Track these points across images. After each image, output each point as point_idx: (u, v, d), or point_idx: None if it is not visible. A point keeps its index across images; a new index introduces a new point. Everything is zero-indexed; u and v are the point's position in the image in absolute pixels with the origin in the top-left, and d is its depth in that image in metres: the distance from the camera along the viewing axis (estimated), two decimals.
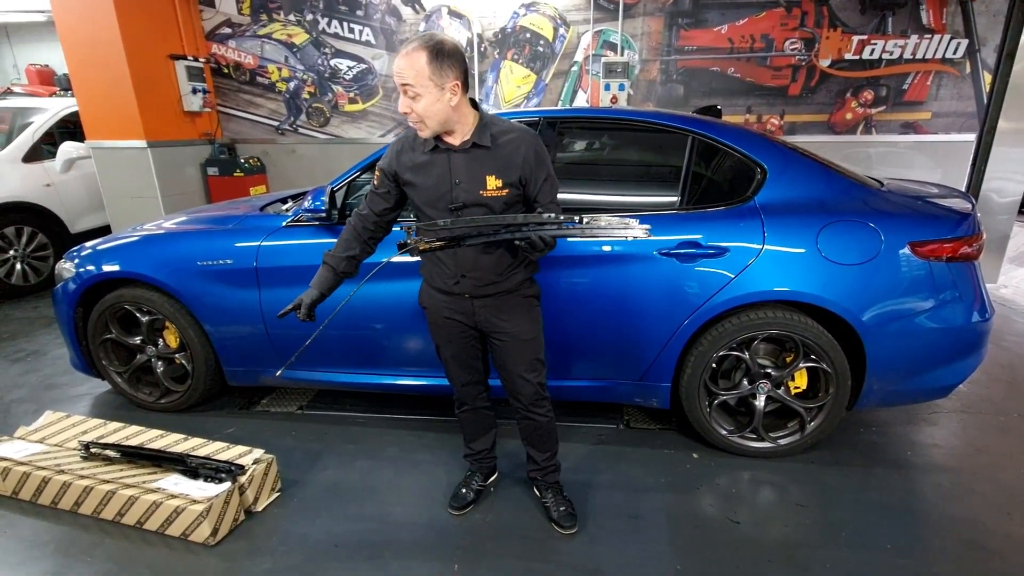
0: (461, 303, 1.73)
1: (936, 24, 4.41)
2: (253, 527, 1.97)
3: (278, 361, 2.52)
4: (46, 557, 1.84)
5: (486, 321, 1.74)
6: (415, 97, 1.49)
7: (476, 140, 1.58)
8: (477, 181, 1.58)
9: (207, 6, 5.35)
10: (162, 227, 2.74)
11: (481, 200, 1.59)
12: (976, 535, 1.92)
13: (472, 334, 1.81)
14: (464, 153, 1.59)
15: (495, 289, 1.69)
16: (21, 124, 4.79)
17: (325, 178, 2.58)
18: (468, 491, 2.06)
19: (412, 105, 1.50)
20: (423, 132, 1.56)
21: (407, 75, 1.47)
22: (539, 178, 1.63)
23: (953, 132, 4.61)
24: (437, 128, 1.55)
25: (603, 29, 4.91)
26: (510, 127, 1.64)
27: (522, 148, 1.60)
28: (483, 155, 1.59)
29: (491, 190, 1.59)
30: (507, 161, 1.59)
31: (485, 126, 1.60)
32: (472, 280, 1.67)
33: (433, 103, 1.49)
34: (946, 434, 2.56)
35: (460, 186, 1.59)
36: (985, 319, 2.17)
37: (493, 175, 1.58)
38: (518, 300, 1.75)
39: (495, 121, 1.64)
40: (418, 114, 1.51)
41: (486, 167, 1.59)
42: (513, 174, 1.60)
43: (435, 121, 1.52)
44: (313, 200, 2.30)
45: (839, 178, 2.30)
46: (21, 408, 2.82)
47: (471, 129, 1.59)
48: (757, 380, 2.25)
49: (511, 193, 1.61)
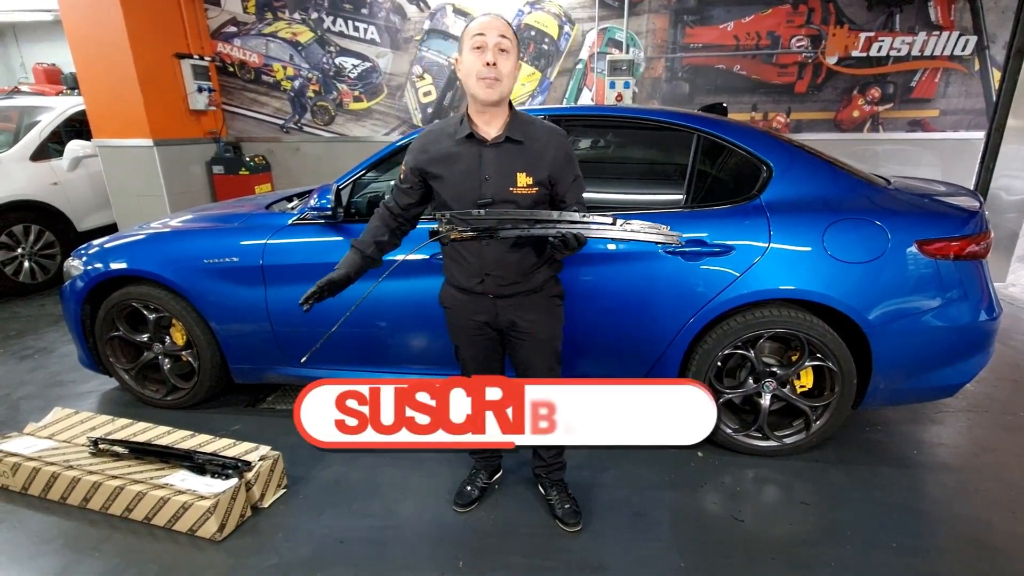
0: (484, 303, 1.70)
1: (944, 21, 4.38)
2: (259, 523, 1.98)
3: (284, 359, 2.53)
4: (56, 552, 1.86)
5: (508, 319, 1.72)
6: (505, 52, 1.50)
7: (509, 134, 1.57)
8: (507, 177, 1.57)
9: (212, 5, 5.37)
10: (168, 225, 2.75)
11: (510, 197, 1.57)
12: (982, 534, 1.92)
13: (493, 336, 1.79)
14: (495, 148, 1.57)
15: (518, 288, 1.67)
16: (28, 123, 4.82)
17: (330, 176, 2.58)
18: (473, 489, 2.06)
19: (500, 60, 1.50)
20: (491, 92, 1.51)
21: (507, 31, 1.51)
22: (568, 178, 1.63)
23: (961, 130, 4.58)
24: (504, 94, 1.54)
25: (608, 27, 4.89)
26: (541, 125, 1.64)
27: (552, 146, 1.60)
28: (514, 151, 1.58)
29: (521, 187, 1.57)
30: (537, 158, 1.58)
31: (518, 121, 1.59)
32: (496, 279, 1.65)
33: (514, 68, 1.54)
34: (952, 433, 2.55)
35: (489, 182, 1.57)
36: (992, 318, 2.15)
37: (524, 172, 1.57)
38: (542, 300, 1.73)
39: (527, 118, 1.64)
40: (502, 71, 1.50)
41: (517, 163, 1.57)
42: (543, 172, 1.58)
43: (508, 85, 1.53)
44: (319, 198, 2.31)
45: (845, 176, 2.29)
46: (30, 405, 2.84)
47: (505, 123, 1.58)
48: (762, 378, 2.24)
49: (540, 191, 1.59)
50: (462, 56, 1.55)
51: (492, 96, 1.52)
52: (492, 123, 1.58)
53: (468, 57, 1.52)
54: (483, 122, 1.59)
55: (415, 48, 5.26)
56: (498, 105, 1.56)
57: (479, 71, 1.49)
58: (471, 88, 1.53)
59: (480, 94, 1.52)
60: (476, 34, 1.50)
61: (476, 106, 1.58)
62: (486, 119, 1.58)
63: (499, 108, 1.57)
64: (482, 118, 1.59)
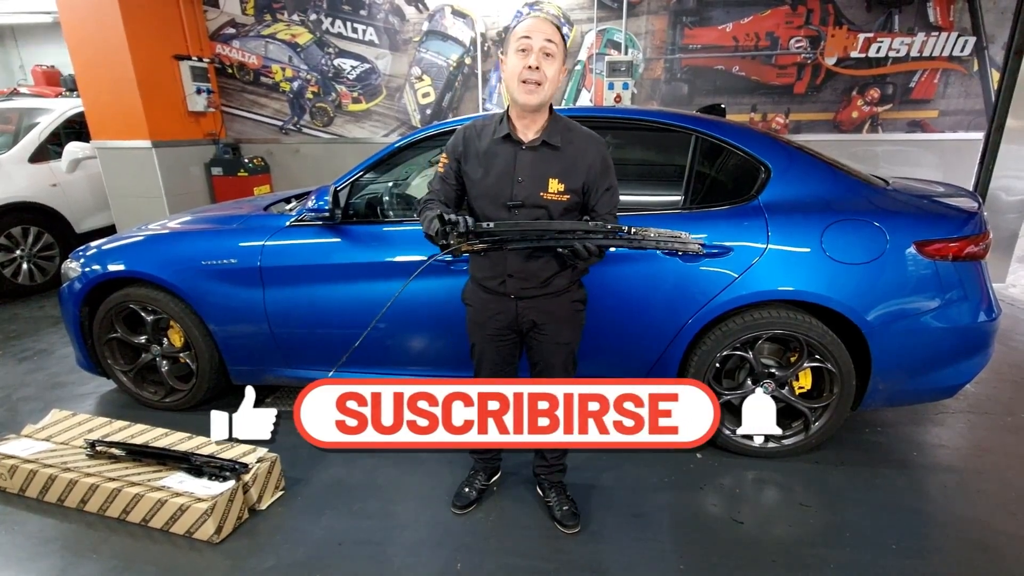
0: (506, 303, 1.69)
1: (943, 21, 4.38)
2: (257, 525, 1.98)
3: (282, 360, 2.53)
4: (53, 554, 1.85)
5: (529, 321, 1.71)
6: (551, 56, 1.49)
7: (546, 139, 1.56)
8: (540, 181, 1.55)
9: (211, 6, 5.38)
10: (167, 227, 2.75)
11: (540, 202, 1.56)
12: (982, 535, 1.91)
13: (512, 338, 1.77)
14: (532, 151, 1.56)
15: (540, 291, 1.66)
16: (27, 124, 4.82)
17: (329, 178, 2.58)
18: (471, 490, 2.06)
19: (544, 64, 1.48)
20: (532, 97, 1.50)
21: (554, 35, 1.49)
22: (601, 187, 1.60)
23: (960, 130, 4.58)
24: (545, 99, 1.52)
25: (607, 28, 4.89)
26: (580, 131, 1.61)
27: (589, 154, 1.58)
28: (550, 156, 1.56)
29: (552, 193, 1.55)
30: (572, 165, 1.56)
31: (557, 125, 1.58)
32: (517, 281, 1.64)
33: (558, 72, 1.52)
34: (952, 434, 2.55)
35: (521, 184, 1.56)
36: (992, 319, 2.15)
37: (556, 178, 1.55)
38: (564, 304, 1.71)
39: (567, 123, 1.62)
40: (546, 75, 1.49)
41: (551, 168, 1.56)
42: (577, 180, 1.57)
43: (550, 90, 1.52)
44: (317, 200, 2.31)
45: (844, 177, 2.29)
46: (28, 406, 2.84)
47: (543, 127, 1.57)
48: (761, 380, 2.24)
49: (571, 199, 1.58)
50: (507, 57, 1.54)
51: (532, 101, 1.51)
52: (531, 126, 1.58)
53: (512, 59, 1.51)
54: (522, 125, 1.58)
55: (414, 49, 5.26)
56: (538, 110, 1.55)
57: (521, 74, 1.48)
58: (512, 91, 1.53)
59: (520, 98, 1.51)
60: (522, 36, 1.49)
61: (516, 109, 1.57)
62: (525, 122, 1.58)
63: (539, 112, 1.56)
64: (522, 121, 1.58)
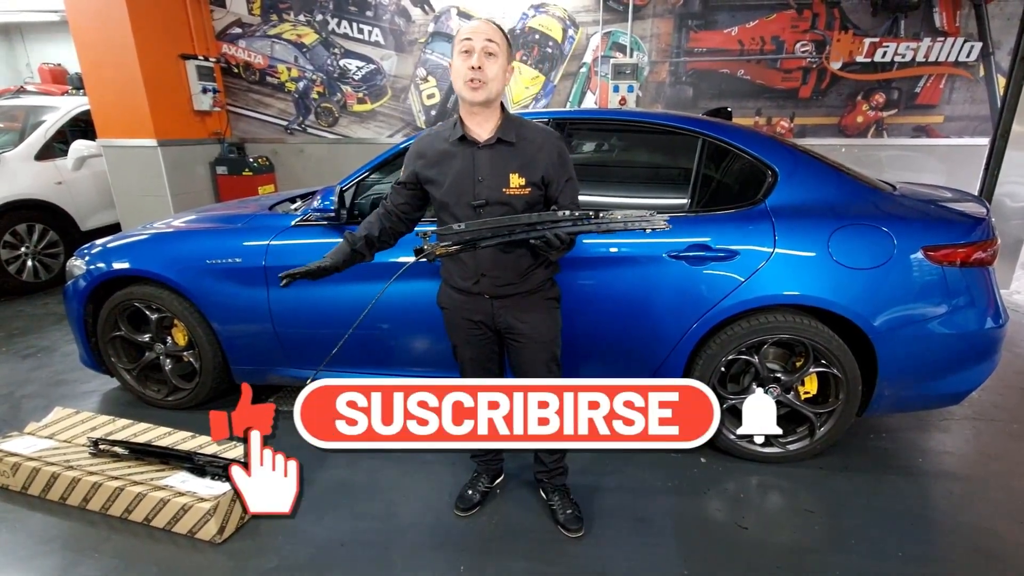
0: (481, 303, 1.72)
1: (949, 27, 4.37)
2: (259, 525, 1.97)
3: (286, 360, 2.53)
4: (54, 552, 1.85)
5: (505, 322, 1.73)
6: (492, 55, 1.54)
7: (501, 136, 1.60)
8: (500, 178, 1.59)
9: (218, 6, 5.39)
10: (171, 225, 2.75)
11: (504, 198, 1.59)
12: (988, 543, 1.90)
13: (491, 336, 1.79)
14: (488, 149, 1.60)
15: (515, 290, 1.69)
16: (34, 122, 4.83)
17: (334, 178, 2.58)
18: (474, 493, 2.05)
19: (486, 64, 1.53)
20: (477, 94, 1.55)
21: (494, 35, 1.55)
22: (561, 179, 1.64)
23: (966, 136, 4.56)
24: (491, 96, 1.56)
25: (612, 30, 4.89)
26: (534, 127, 1.66)
27: (546, 148, 1.62)
28: (507, 152, 1.60)
29: (514, 188, 1.59)
30: (531, 159, 1.61)
31: (510, 123, 1.62)
32: (491, 279, 1.66)
33: (501, 71, 1.57)
34: (958, 441, 2.53)
35: (483, 183, 1.59)
36: (999, 325, 2.14)
37: (516, 173, 1.59)
38: (538, 301, 1.74)
39: (520, 120, 1.66)
40: (487, 74, 1.53)
41: (510, 164, 1.60)
42: (536, 173, 1.61)
43: (494, 87, 1.56)
44: (322, 200, 2.30)
45: (851, 181, 2.28)
46: (31, 404, 2.84)
47: (496, 125, 1.61)
48: (766, 384, 2.23)
49: (533, 192, 1.61)
50: (453, 60, 1.60)
51: (477, 97, 1.55)
52: (484, 125, 1.61)
53: (456, 61, 1.57)
54: (475, 124, 1.62)
55: (419, 50, 5.26)
56: (487, 106, 1.59)
57: (465, 74, 1.54)
58: (459, 90, 1.58)
59: (466, 95, 1.57)
60: (464, 39, 1.55)
61: (466, 108, 1.61)
62: (478, 121, 1.61)
63: (489, 110, 1.60)
64: (474, 120, 1.62)
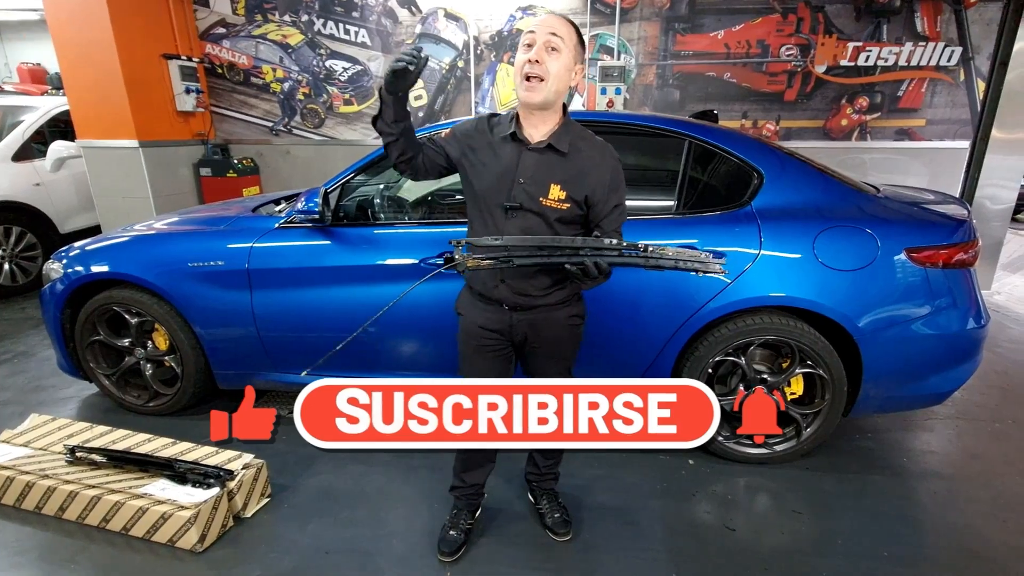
0: (500, 314, 1.59)
1: (930, 32, 4.44)
2: (242, 534, 1.93)
3: (270, 364, 2.49)
4: (30, 564, 1.80)
5: (522, 334, 1.61)
6: (555, 50, 1.40)
7: (553, 142, 1.47)
8: (540, 186, 1.47)
9: (201, 6, 5.32)
10: (153, 228, 2.70)
11: (538, 208, 1.48)
12: (972, 542, 1.92)
13: (506, 352, 1.66)
14: (536, 153, 1.48)
15: (533, 302, 1.56)
16: (11, 123, 4.74)
17: (319, 180, 2.55)
18: (458, 533, 1.85)
19: (548, 59, 1.40)
20: (534, 94, 1.42)
21: (560, 28, 1.41)
22: (609, 203, 1.51)
23: (947, 139, 4.63)
24: (549, 96, 1.43)
25: (600, 33, 4.91)
26: (594, 141, 1.53)
27: (600, 167, 1.49)
28: (555, 160, 1.48)
29: (551, 199, 1.47)
30: (579, 174, 1.48)
31: (567, 130, 1.50)
32: (510, 287, 1.54)
33: (565, 69, 1.43)
34: (942, 441, 2.56)
35: (522, 186, 1.48)
36: (980, 326, 2.16)
37: (559, 185, 1.47)
38: (560, 320, 1.61)
39: (580, 130, 1.54)
40: (549, 70, 1.40)
41: (554, 174, 1.47)
42: (580, 191, 1.48)
43: (555, 86, 1.43)
44: (307, 201, 2.27)
45: (836, 184, 2.30)
46: (7, 410, 2.77)
47: (552, 129, 1.50)
48: (753, 386, 2.23)
49: (571, 209, 1.48)
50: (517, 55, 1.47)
51: (533, 98, 1.43)
52: (539, 127, 1.50)
53: (518, 55, 1.44)
54: (529, 124, 1.50)
55: None
56: (544, 108, 1.47)
57: (523, 68, 1.42)
58: (517, 87, 1.46)
59: (521, 94, 1.44)
60: (528, 31, 1.43)
61: (522, 106, 1.50)
62: (533, 121, 1.50)
63: (547, 112, 1.48)
64: (529, 120, 1.50)
